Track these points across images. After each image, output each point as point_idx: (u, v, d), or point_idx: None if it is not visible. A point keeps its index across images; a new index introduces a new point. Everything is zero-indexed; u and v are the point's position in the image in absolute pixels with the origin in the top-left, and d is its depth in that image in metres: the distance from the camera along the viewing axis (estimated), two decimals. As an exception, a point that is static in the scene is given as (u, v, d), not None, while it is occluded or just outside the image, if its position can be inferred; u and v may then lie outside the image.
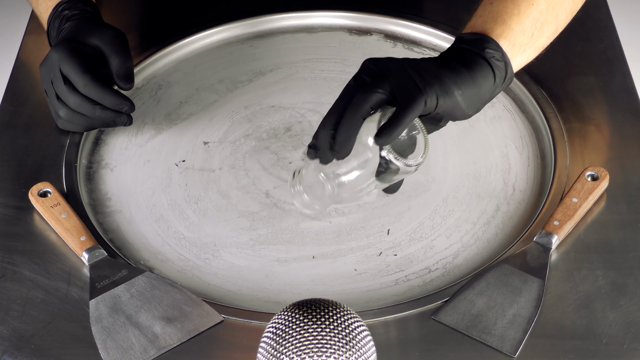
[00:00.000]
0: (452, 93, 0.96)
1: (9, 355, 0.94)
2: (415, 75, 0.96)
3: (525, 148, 1.16)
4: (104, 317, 0.97)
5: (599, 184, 1.07)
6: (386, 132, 0.93)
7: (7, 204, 1.10)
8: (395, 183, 1.00)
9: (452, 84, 0.96)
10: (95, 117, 1.14)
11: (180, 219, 1.10)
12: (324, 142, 0.95)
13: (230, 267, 1.05)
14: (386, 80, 0.95)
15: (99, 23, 1.20)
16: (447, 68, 0.98)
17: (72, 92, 1.12)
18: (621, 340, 0.95)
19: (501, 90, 1.02)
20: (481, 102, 1.00)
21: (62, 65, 1.12)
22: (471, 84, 0.98)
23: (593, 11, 1.33)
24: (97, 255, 1.03)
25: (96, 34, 1.16)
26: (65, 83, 1.12)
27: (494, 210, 1.10)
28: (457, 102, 0.97)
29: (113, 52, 1.16)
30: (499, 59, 1.00)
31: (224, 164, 1.16)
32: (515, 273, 1.00)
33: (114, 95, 1.13)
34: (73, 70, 1.12)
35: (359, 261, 1.05)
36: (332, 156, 0.95)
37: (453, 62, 0.99)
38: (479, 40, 1.00)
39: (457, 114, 0.98)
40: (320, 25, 1.34)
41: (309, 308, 0.84)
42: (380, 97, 0.95)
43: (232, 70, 1.28)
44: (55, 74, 1.13)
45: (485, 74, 0.99)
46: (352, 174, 0.96)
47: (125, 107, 1.14)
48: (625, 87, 1.22)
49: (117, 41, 1.17)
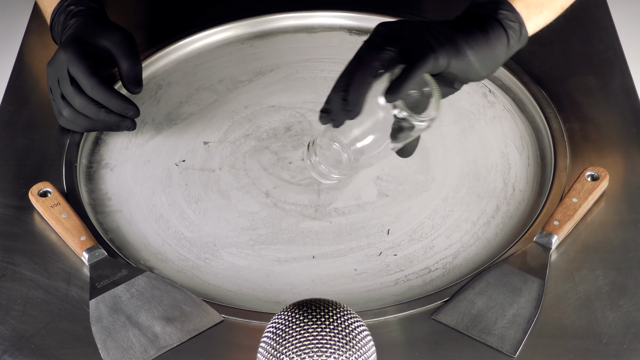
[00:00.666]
0: (464, 53, 0.97)
1: (9, 355, 0.94)
2: (428, 35, 0.97)
3: (525, 148, 1.16)
4: (104, 317, 0.97)
5: (599, 184, 1.07)
6: (394, 88, 0.94)
7: (7, 204, 1.10)
8: (410, 144, 1.01)
9: (465, 44, 0.98)
10: (100, 119, 1.14)
11: (180, 219, 1.10)
12: (336, 103, 0.96)
13: (230, 267, 1.05)
14: (398, 40, 0.96)
15: (107, 23, 1.19)
16: (460, 30, 0.99)
17: (79, 94, 1.12)
18: (621, 340, 0.95)
19: (516, 51, 1.03)
20: (495, 64, 1.01)
21: (70, 66, 1.12)
22: (485, 45, 0.99)
23: (593, 11, 1.33)
24: (97, 255, 1.03)
25: (106, 35, 1.16)
26: (72, 84, 1.12)
27: (494, 210, 1.10)
28: (470, 63, 0.98)
29: (123, 56, 1.16)
30: (513, 19, 1.01)
31: (224, 164, 1.16)
32: (515, 273, 1.00)
33: (120, 99, 1.13)
34: (81, 72, 1.12)
35: (359, 261, 1.05)
36: (344, 117, 0.96)
37: (466, 24, 1.00)
38: (493, 3, 1.02)
39: (470, 75, 1.00)
40: (320, 25, 1.34)
41: (309, 308, 0.84)
42: (390, 55, 0.96)
43: (232, 70, 1.28)
44: (63, 74, 1.12)
45: (499, 35, 1.00)
46: (367, 138, 0.97)
47: (131, 112, 1.14)
48: (625, 87, 1.22)
49: (126, 44, 1.17)
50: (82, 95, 1.12)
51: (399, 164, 1.14)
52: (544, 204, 1.08)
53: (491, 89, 1.24)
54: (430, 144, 1.17)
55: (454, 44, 0.97)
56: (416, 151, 1.05)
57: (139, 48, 1.19)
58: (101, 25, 1.18)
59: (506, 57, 1.02)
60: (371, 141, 0.97)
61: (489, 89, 1.24)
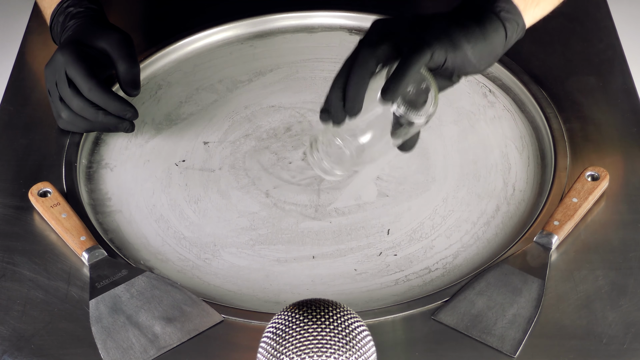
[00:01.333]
0: (461, 47, 0.97)
1: (9, 355, 0.94)
2: (423, 30, 0.97)
3: (525, 148, 1.16)
4: (104, 317, 0.97)
5: (599, 184, 1.07)
6: (392, 86, 0.94)
7: (7, 204, 1.10)
8: (410, 139, 1.01)
9: (462, 38, 0.97)
10: (98, 121, 1.14)
11: (180, 219, 1.10)
12: (335, 102, 0.96)
13: (230, 267, 1.05)
14: (394, 36, 0.96)
15: (105, 24, 1.19)
16: (456, 23, 0.99)
17: (76, 96, 1.12)
18: (621, 340, 0.95)
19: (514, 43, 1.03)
20: (493, 57, 1.01)
21: (67, 68, 1.12)
22: (481, 39, 0.98)
23: (593, 11, 1.33)
24: (97, 255, 1.03)
25: (103, 37, 1.16)
26: (70, 86, 1.12)
27: (494, 210, 1.10)
28: (468, 57, 0.98)
29: (120, 57, 1.16)
30: (511, 11, 1.00)
31: (224, 164, 1.16)
32: (515, 273, 1.00)
33: (118, 101, 1.13)
34: (78, 74, 1.11)
35: (359, 261, 1.05)
36: (344, 116, 0.96)
37: (463, 17, 1.00)
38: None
39: (468, 68, 0.99)
40: (320, 25, 1.34)
41: (309, 308, 0.84)
42: (386, 51, 0.96)
43: (232, 70, 1.28)
44: (60, 76, 1.12)
45: (496, 28, 1.00)
46: (368, 134, 0.97)
47: (129, 113, 1.14)
48: (625, 87, 1.22)
49: (124, 45, 1.16)
50: (80, 97, 1.12)
51: (399, 164, 1.14)
52: (544, 204, 1.08)
53: (491, 89, 1.24)
54: (430, 144, 1.17)
55: (451, 38, 0.97)
56: (416, 151, 1.05)
57: (138, 48, 1.19)
58: (99, 26, 1.18)
59: (504, 50, 1.02)
60: (372, 137, 0.97)
61: (489, 89, 1.24)
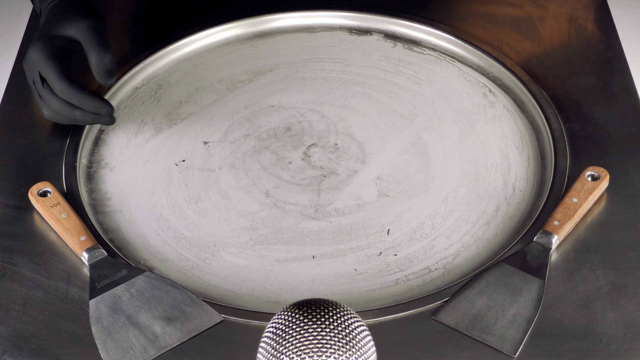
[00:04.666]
0: None
1: (9, 355, 0.94)
2: None
3: (525, 148, 1.16)
4: (104, 317, 0.97)
5: (599, 184, 1.07)
6: None
7: (7, 204, 1.10)
8: None
9: None
10: (76, 119, 1.13)
11: (180, 219, 1.10)
12: None
13: (230, 267, 1.05)
14: None
15: (76, 9, 1.14)
16: None
17: (52, 96, 1.11)
18: (621, 340, 0.95)
19: None
20: None
21: (40, 68, 1.11)
22: None
23: (593, 11, 1.33)
24: (97, 255, 1.03)
25: (73, 25, 1.12)
26: (45, 86, 1.11)
27: (494, 210, 1.10)
28: None
29: (90, 47, 1.12)
30: None
31: (224, 163, 1.16)
32: (515, 273, 1.00)
33: (92, 99, 1.11)
34: (50, 75, 1.10)
35: (359, 261, 1.05)
36: None
37: None
38: None
39: None
40: (320, 25, 1.34)
41: (309, 308, 0.84)
42: None
43: (232, 70, 1.29)
44: (35, 76, 1.12)
45: None
46: None
47: (104, 110, 1.13)
48: (625, 87, 1.22)
49: (93, 33, 1.12)
50: (56, 97, 1.11)
51: (399, 164, 1.14)
52: (544, 204, 1.08)
53: (491, 89, 1.24)
54: (430, 144, 1.17)
55: None
56: (416, 151, 1.05)
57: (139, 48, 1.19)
58: (68, 13, 1.14)
59: None
60: None
61: (489, 89, 1.24)
